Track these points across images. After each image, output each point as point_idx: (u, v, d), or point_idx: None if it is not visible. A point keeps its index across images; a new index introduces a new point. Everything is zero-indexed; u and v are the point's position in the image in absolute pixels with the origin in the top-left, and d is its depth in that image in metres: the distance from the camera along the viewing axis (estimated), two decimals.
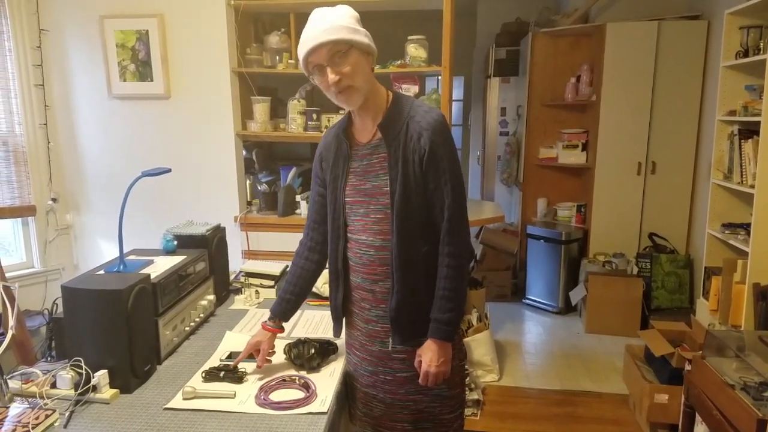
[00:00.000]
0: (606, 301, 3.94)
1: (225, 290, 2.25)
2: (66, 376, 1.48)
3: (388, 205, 1.45)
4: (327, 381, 1.57)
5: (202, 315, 1.98)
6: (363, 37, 1.41)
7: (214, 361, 1.70)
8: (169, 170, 1.91)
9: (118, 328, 1.48)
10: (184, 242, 2.08)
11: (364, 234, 1.52)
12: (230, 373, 1.57)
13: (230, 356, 1.72)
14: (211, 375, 1.58)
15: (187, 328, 1.87)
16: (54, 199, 3.18)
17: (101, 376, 1.47)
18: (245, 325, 2.00)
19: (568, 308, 4.36)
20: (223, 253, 2.23)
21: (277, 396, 1.48)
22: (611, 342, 3.79)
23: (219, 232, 2.19)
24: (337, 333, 1.66)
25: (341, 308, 1.62)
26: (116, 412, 1.42)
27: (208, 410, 1.42)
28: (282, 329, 1.69)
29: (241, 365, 1.62)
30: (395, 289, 1.48)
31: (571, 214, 4.59)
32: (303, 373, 1.61)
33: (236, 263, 3.01)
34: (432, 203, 1.46)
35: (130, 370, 1.51)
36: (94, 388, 1.46)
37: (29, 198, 3.08)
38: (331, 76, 1.39)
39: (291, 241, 3.12)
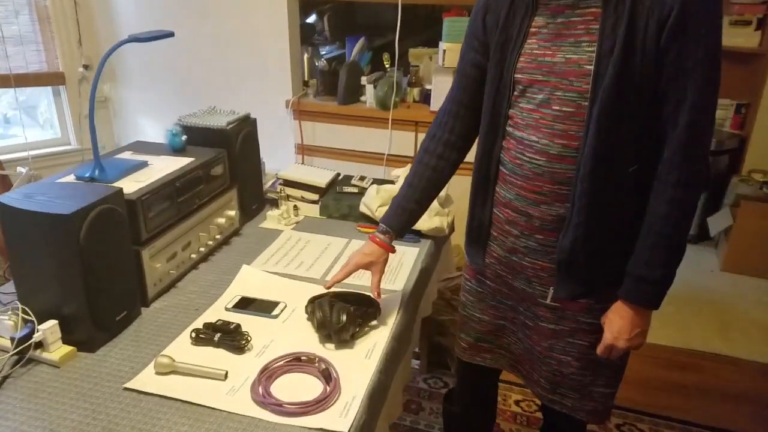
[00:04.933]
0: (757, 233, 3.18)
1: (257, 201, 1.82)
2: (7, 322, 1.13)
3: (586, 92, 1.01)
4: (359, 368, 1.12)
5: (218, 236, 1.57)
6: None
7: (217, 310, 1.30)
8: (171, 34, 1.42)
9: (69, 266, 1.09)
10: (198, 137, 1.62)
11: (536, 132, 1.08)
12: (228, 338, 1.17)
13: (239, 304, 1.32)
14: (204, 336, 1.18)
15: (193, 255, 1.47)
16: (86, 66, 2.82)
17: (48, 330, 1.10)
18: (274, 253, 1.57)
19: (700, 236, 3.62)
20: (253, 154, 1.76)
21: (282, 387, 1.06)
22: (754, 287, 3.09)
23: (247, 125, 1.71)
24: (477, 261, 1.29)
25: (487, 228, 1.24)
26: (61, 385, 1.06)
27: (182, 401, 1.03)
28: (393, 248, 1.31)
29: (245, 326, 1.21)
30: (574, 222, 1.07)
31: (726, 116, 3.66)
32: (328, 349, 1.18)
33: (289, 159, 2.58)
34: (665, 98, 1.00)
35: (91, 322, 1.13)
36: (40, 345, 1.11)
37: (57, 63, 2.74)
38: None
39: (349, 137, 2.59)
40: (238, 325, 1.20)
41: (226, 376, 1.08)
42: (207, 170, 1.51)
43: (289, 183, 1.82)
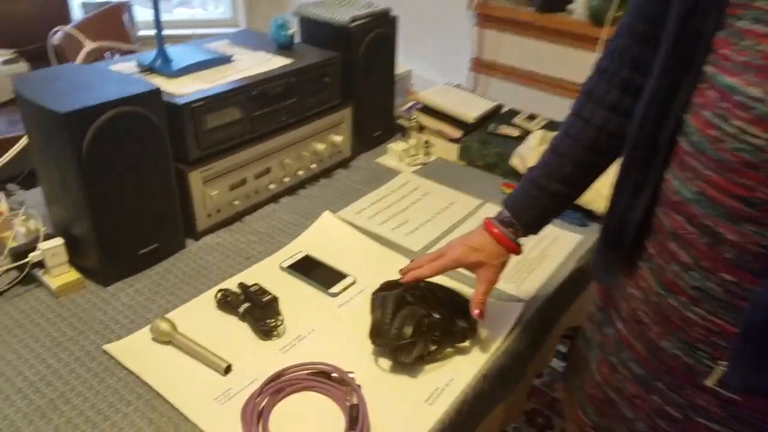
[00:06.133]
0: None
1: (383, 128, 1.46)
2: (19, 229, 0.97)
3: None
4: (409, 416, 0.74)
5: (313, 166, 1.27)
6: None
7: (270, 265, 1.01)
8: None
9: (71, 178, 0.86)
10: (316, 34, 1.29)
11: (762, 81, 0.54)
12: (255, 314, 0.87)
13: (298, 265, 1.01)
14: (232, 300, 0.90)
15: (272, 186, 1.19)
16: None
17: (50, 251, 0.91)
18: (376, 201, 1.22)
19: None
20: (384, 64, 1.38)
21: (287, 414, 0.74)
22: None
23: (380, 24, 1.32)
24: (604, 276, 0.80)
25: (632, 233, 0.72)
26: (45, 323, 0.86)
27: (157, 393, 0.76)
28: (519, 248, 0.85)
29: (288, 298, 0.90)
30: None
31: None
32: (379, 367, 0.82)
33: (459, 78, 2.14)
34: None
35: (98, 249, 0.91)
36: (41, 265, 0.93)
37: None
38: None
39: (543, 57, 1.99)
40: (274, 300, 0.90)
41: (227, 370, 0.79)
42: (307, 78, 1.18)
43: (428, 110, 1.42)
